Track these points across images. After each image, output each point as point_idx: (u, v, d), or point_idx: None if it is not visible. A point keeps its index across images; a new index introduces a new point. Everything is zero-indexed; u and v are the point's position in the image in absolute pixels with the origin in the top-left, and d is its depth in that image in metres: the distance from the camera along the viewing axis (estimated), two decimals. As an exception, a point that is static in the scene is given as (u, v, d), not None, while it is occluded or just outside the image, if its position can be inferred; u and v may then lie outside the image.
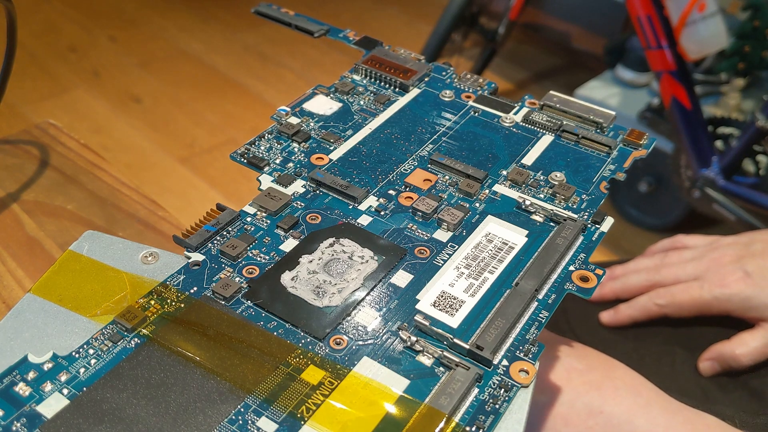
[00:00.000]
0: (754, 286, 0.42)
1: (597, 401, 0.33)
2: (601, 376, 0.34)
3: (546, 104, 0.36)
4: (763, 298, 0.42)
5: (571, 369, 0.34)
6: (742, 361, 0.42)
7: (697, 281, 0.44)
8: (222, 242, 0.28)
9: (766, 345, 0.42)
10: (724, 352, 0.42)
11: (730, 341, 0.43)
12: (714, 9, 0.96)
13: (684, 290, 0.44)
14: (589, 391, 0.33)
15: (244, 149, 0.33)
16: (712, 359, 0.43)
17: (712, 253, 0.45)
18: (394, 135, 0.35)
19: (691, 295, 0.44)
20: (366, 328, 0.25)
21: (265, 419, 0.22)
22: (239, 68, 1.60)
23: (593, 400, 0.33)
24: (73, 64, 1.57)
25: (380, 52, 0.39)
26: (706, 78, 1.16)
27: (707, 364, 0.43)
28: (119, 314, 0.25)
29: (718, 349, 0.43)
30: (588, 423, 0.33)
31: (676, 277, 0.45)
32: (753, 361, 0.42)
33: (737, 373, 0.43)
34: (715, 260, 0.45)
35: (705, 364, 0.43)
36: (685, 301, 0.44)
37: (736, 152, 0.95)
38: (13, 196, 0.39)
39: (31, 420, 0.22)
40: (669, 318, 0.45)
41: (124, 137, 1.38)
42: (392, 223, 0.30)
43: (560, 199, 0.31)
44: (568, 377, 0.34)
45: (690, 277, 0.45)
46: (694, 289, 0.44)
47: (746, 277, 0.43)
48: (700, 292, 0.44)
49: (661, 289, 0.45)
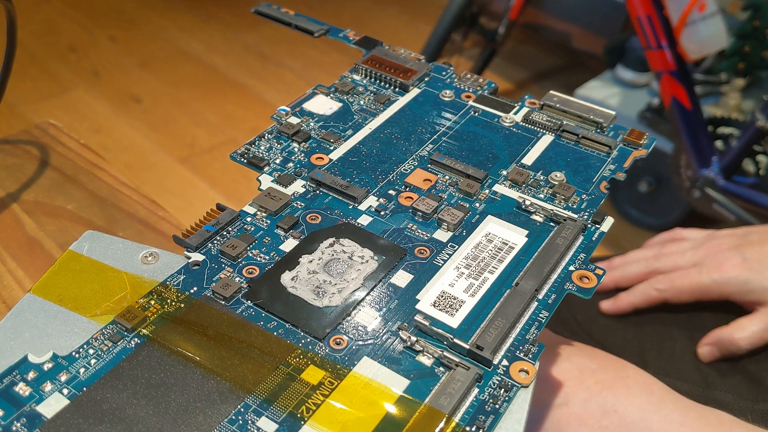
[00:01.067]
0: (751, 270, 0.43)
1: (610, 400, 0.33)
2: (613, 375, 0.34)
3: (546, 104, 0.36)
4: (761, 282, 0.42)
5: (583, 369, 0.34)
6: (741, 346, 0.42)
7: (696, 267, 0.45)
8: (222, 242, 0.28)
9: (764, 329, 0.42)
10: (723, 337, 0.43)
11: (728, 326, 0.43)
12: (714, 9, 0.96)
13: (683, 275, 0.45)
14: (602, 391, 0.33)
15: (244, 149, 0.33)
16: (711, 344, 0.43)
17: (710, 242, 0.46)
18: (394, 135, 0.35)
19: (690, 279, 0.44)
20: (366, 328, 0.25)
21: (265, 419, 0.22)
22: (239, 68, 1.60)
23: (606, 400, 0.33)
24: (73, 64, 1.57)
25: (380, 52, 0.39)
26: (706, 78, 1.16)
27: (706, 350, 0.43)
28: (119, 314, 0.25)
29: (716, 334, 0.43)
30: (602, 422, 0.33)
31: (675, 264, 0.46)
32: (751, 345, 0.42)
33: (736, 358, 0.43)
34: (714, 247, 0.45)
35: (704, 349, 0.44)
36: (685, 285, 0.44)
37: (736, 152, 0.96)
38: (13, 196, 0.39)
39: (31, 420, 0.22)
40: (669, 304, 0.46)
41: (124, 137, 1.38)
42: (392, 223, 0.30)
43: (560, 199, 0.31)
44: (580, 377, 0.34)
45: (689, 264, 0.45)
46: (693, 274, 0.44)
47: (744, 262, 0.43)
48: (699, 276, 0.44)
49: (660, 275, 0.46)
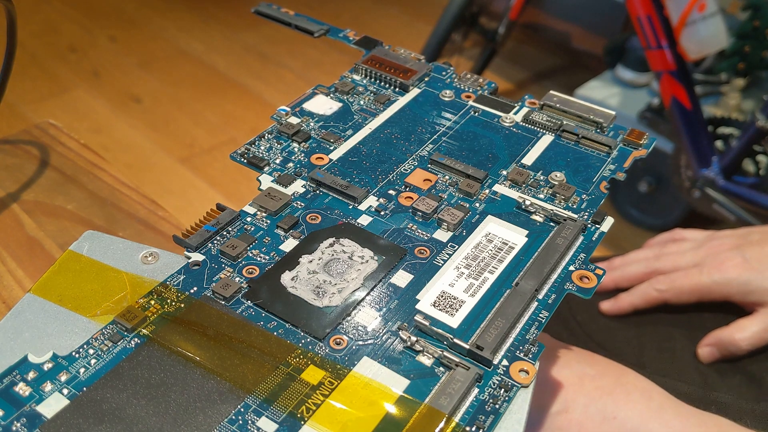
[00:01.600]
0: (752, 270, 0.43)
1: (610, 407, 0.33)
2: (612, 381, 0.34)
3: (546, 104, 0.36)
4: (761, 282, 0.42)
5: (583, 375, 0.34)
6: (741, 346, 0.42)
7: (697, 267, 0.44)
8: (222, 242, 0.28)
9: (764, 330, 0.42)
10: (723, 338, 0.43)
11: (728, 327, 0.43)
12: (714, 9, 0.96)
13: (684, 276, 0.44)
14: (602, 397, 0.33)
15: (244, 149, 0.33)
16: (711, 345, 0.43)
17: (710, 242, 0.46)
18: (394, 135, 0.35)
19: (690, 280, 0.44)
20: (366, 328, 0.25)
21: (265, 419, 0.22)
22: (239, 68, 1.60)
23: (606, 406, 0.33)
24: (73, 64, 1.57)
25: (380, 52, 0.39)
26: (706, 78, 1.16)
27: (706, 350, 0.43)
28: (119, 314, 0.25)
29: (717, 334, 0.43)
30: (602, 428, 0.33)
31: (676, 264, 0.46)
32: (752, 346, 0.42)
33: (736, 359, 0.43)
34: (714, 248, 0.45)
35: (704, 350, 0.43)
36: (685, 286, 0.44)
37: (736, 152, 0.95)
38: (13, 196, 0.39)
39: (31, 420, 0.22)
40: (669, 305, 0.46)
41: (124, 137, 1.38)
42: (392, 223, 0.30)
43: (560, 199, 0.31)
44: (580, 383, 0.34)
45: (689, 264, 0.45)
46: (694, 275, 0.44)
47: (745, 263, 0.43)
48: (700, 277, 0.44)
49: (660, 276, 0.46)
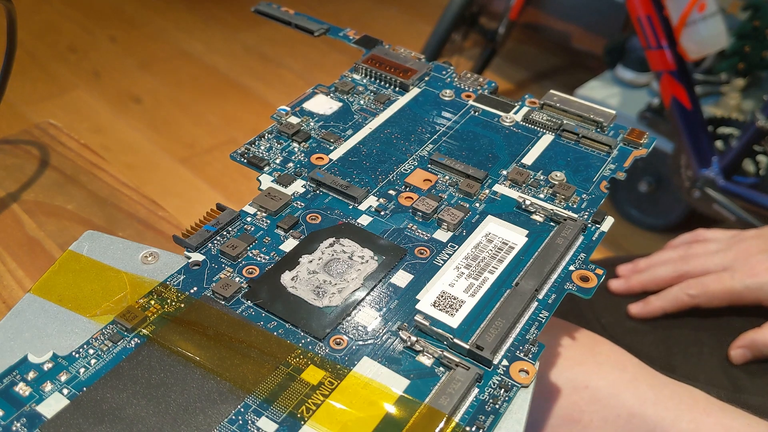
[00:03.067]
0: None
1: (581, 376, 0.33)
2: (583, 352, 0.34)
3: (546, 103, 0.36)
4: None
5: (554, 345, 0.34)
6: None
7: (727, 271, 0.45)
8: (222, 242, 0.28)
9: None
10: (757, 340, 0.43)
11: (761, 328, 0.43)
12: (714, 9, 0.96)
13: (715, 280, 0.45)
14: (572, 367, 0.33)
15: (244, 149, 0.33)
16: (743, 347, 0.43)
17: (738, 245, 0.46)
18: (394, 135, 0.35)
19: (723, 285, 0.44)
20: (366, 328, 0.25)
21: (265, 419, 0.22)
22: (240, 69, 1.60)
23: (577, 375, 0.33)
24: (73, 65, 1.57)
25: (380, 52, 0.39)
26: (706, 78, 1.16)
27: (739, 352, 0.43)
28: (119, 314, 0.25)
29: (750, 336, 0.43)
30: (573, 398, 0.32)
31: (705, 267, 0.46)
32: None
33: (765, 361, 0.43)
34: (743, 251, 0.45)
35: (737, 351, 0.44)
36: (717, 290, 0.44)
37: (736, 152, 0.95)
38: (13, 196, 0.39)
39: (31, 420, 0.22)
40: (696, 308, 0.46)
41: (124, 137, 1.38)
42: (392, 223, 0.30)
43: (560, 198, 0.31)
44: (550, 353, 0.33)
45: (718, 267, 0.45)
46: (726, 280, 0.44)
47: None
48: (732, 282, 0.44)
49: (692, 280, 0.46)
